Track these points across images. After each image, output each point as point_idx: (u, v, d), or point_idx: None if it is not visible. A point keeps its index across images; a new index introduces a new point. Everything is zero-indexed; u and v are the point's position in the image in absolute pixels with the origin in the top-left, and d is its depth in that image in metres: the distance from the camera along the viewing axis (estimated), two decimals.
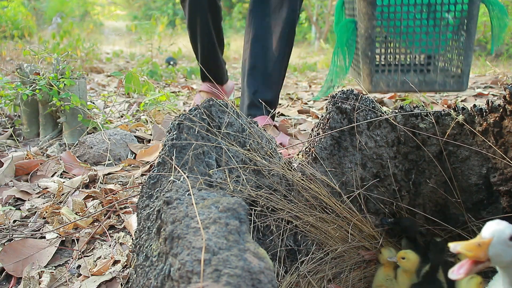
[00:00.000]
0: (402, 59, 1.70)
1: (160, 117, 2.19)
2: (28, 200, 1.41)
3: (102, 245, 1.16)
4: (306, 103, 2.98)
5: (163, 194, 0.78)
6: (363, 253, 1.00)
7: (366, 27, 1.55)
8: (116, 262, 1.07)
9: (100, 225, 1.22)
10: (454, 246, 0.58)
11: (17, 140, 1.96)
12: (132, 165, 1.67)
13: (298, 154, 1.17)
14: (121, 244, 1.15)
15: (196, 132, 0.94)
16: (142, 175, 1.57)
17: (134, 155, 1.78)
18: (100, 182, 1.52)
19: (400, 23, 1.55)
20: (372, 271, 1.00)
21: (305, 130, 2.10)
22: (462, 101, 2.81)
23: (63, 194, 1.42)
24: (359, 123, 1.06)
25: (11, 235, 1.18)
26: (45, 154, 1.80)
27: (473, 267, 0.58)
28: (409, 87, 1.66)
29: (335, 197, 1.04)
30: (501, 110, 0.94)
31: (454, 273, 0.58)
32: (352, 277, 0.98)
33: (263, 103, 1.88)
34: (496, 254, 0.59)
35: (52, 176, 1.61)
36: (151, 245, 0.75)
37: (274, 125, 1.85)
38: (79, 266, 1.07)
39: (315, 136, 1.09)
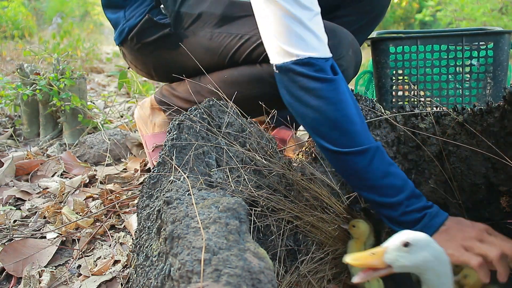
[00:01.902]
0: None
1: None
2: (29, 200, 1.41)
3: (102, 245, 1.16)
4: None
5: (163, 194, 0.78)
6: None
7: (379, 76, 1.41)
8: (116, 262, 1.07)
9: (102, 225, 1.22)
10: (345, 258, 0.67)
11: (17, 140, 1.97)
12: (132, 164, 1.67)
13: (298, 154, 1.17)
14: (121, 244, 1.15)
15: (196, 132, 0.94)
16: (142, 175, 1.57)
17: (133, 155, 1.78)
18: (100, 182, 1.52)
19: (417, 71, 1.38)
20: None
21: (305, 130, 2.10)
22: None
23: (63, 194, 1.43)
24: None
25: (11, 235, 1.18)
26: (45, 154, 1.80)
27: (372, 273, 0.66)
28: None
29: (335, 197, 1.04)
30: (501, 110, 0.94)
31: (357, 276, 0.67)
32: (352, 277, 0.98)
33: None
34: (392, 260, 0.65)
35: (52, 176, 1.61)
36: (151, 245, 0.75)
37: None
38: (79, 266, 1.07)
39: None
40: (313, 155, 1.12)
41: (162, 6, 1.19)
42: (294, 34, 0.86)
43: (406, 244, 0.66)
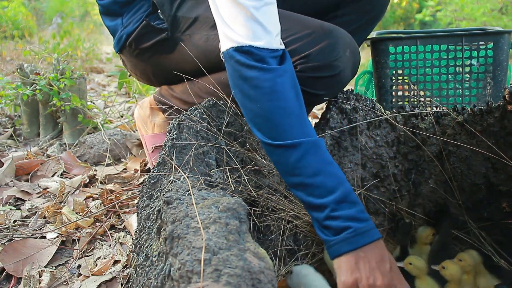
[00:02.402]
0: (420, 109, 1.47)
1: None
2: (29, 200, 1.41)
3: (102, 245, 1.16)
4: None
5: (163, 194, 0.78)
6: None
7: (379, 76, 1.40)
8: (116, 262, 1.07)
9: (102, 225, 1.22)
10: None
11: (17, 140, 1.97)
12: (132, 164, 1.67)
13: None
14: (121, 244, 1.15)
15: (196, 132, 0.94)
16: (142, 175, 1.58)
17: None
18: (100, 182, 1.52)
19: (416, 71, 1.36)
20: None
21: None
22: None
23: (63, 194, 1.43)
24: (359, 123, 1.07)
25: (11, 235, 1.18)
26: (45, 154, 1.80)
27: None
28: None
29: None
30: (501, 110, 0.94)
31: None
32: None
33: None
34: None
35: (52, 176, 1.61)
36: (151, 245, 0.75)
37: None
38: (79, 266, 1.07)
39: None
40: None
41: (159, 11, 1.20)
42: (238, 21, 0.84)
43: (290, 272, 0.86)
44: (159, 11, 1.20)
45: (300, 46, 1.05)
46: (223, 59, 0.88)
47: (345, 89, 1.12)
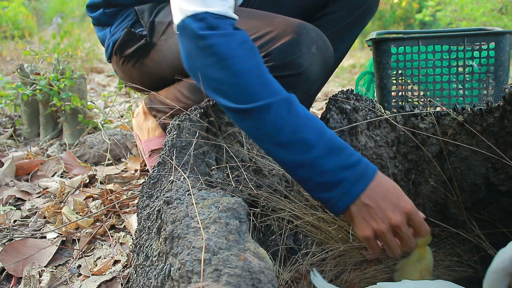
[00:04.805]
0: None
1: None
2: (29, 200, 1.42)
3: (102, 245, 1.16)
4: None
5: (163, 194, 0.78)
6: (365, 253, 1.00)
7: (380, 77, 1.39)
8: (116, 262, 1.07)
9: (102, 225, 1.22)
10: None
11: (18, 140, 1.97)
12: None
13: None
14: (121, 244, 1.15)
15: (196, 132, 0.94)
16: (142, 175, 1.58)
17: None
18: (100, 182, 1.52)
19: (418, 71, 1.35)
20: (372, 271, 1.00)
21: None
22: None
23: (63, 194, 1.43)
24: (359, 123, 1.06)
25: (11, 235, 1.18)
26: (45, 154, 1.80)
27: None
28: None
29: None
30: (501, 110, 0.94)
31: None
32: (352, 277, 0.98)
33: None
34: None
35: (52, 176, 1.61)
36: (151, 245, 0.75)
37: None
38: (79, 266, 1.07)
39: None
40: None
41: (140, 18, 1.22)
42: None
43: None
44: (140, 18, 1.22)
45: (261, 44, 1.03)
46: (177, 32, 0.86)
47: (345, 89, 1.12)
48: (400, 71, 1.37)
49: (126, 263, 1.06)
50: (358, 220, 0.76)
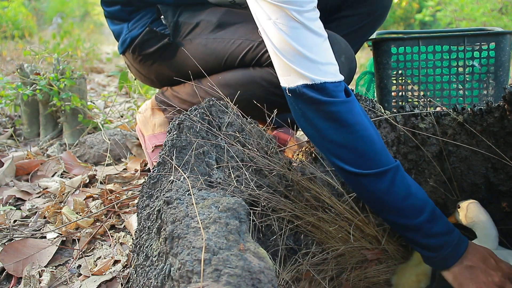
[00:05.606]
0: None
1: None
2: (29, 200, 1.41)
3: (102, 245, 1.16)
4: None
5: (163, 194, 0.78)
6: (366, 253, 1.00)
7: (381, 77, 1.39)
8: (116, 262, 1.07)
9: (102, 225, 1.22)
10: None
11: (18, 140, 1.97)
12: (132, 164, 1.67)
13: (298, 154, 1.17)
14: (121, 244, 1.15)
15: (196, 132, 0.94)
16: (142, 175, 1.58)
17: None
18: (100, 182, 1.52)
19: (418, 71, 1.35)
20: (373, 271, 1.00)
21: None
22: None
23: (63, 194, 1.43)
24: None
25: (11, 235, 1.18)
26: (45, 154, 1.80)
27: None
28: None
29: (335, 197, 1.04)
30: (501, 110, 0.94)
31: None
32: (353, 277, 0.98)
33: None
34: None
35: (52, 176, 1.61)
36: (151, 245, 0.75)
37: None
38: (79, 266, 1.07)
39: None
40: (313, 155, 1.12)
41: (162, 17, 1.22)
42: (306, 58, 0.83)
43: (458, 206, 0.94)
44: (162, 17, 1.22)
45: None
46: (289, 94, 0.86)
47: None
48: (400, 71, 1.37)
49: (126, 263, 1.06)
50: (463, 281, 0.82)
